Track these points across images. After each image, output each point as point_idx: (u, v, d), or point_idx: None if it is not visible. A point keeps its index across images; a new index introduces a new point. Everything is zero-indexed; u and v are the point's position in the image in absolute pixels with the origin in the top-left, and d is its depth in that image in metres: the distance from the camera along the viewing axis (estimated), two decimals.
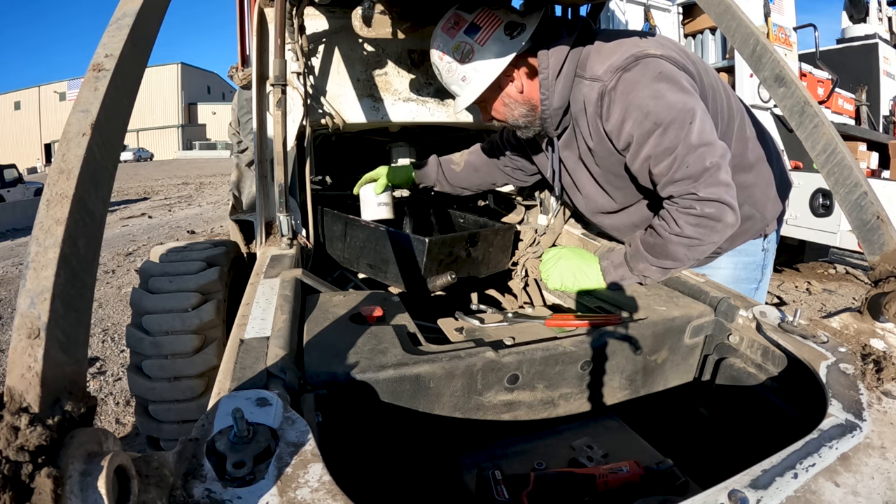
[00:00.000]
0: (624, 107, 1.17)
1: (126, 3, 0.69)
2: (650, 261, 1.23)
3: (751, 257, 1.53)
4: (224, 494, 0.51)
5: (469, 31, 1.27)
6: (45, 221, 0.50)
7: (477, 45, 1.26)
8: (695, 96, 1.17)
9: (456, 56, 1.29)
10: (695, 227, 1.14)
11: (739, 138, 1.37)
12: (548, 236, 2.00)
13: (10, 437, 0.39)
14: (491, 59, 1.27)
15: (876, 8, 6.65)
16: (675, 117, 1.12)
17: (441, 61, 1.33)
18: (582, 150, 1.38)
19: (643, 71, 1.16)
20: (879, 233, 0.95)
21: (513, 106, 1.36)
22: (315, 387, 0.84)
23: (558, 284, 1.35)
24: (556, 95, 1.30)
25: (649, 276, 1.26)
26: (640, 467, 0.92)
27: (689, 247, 1.18)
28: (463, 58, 1.28)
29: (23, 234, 8.70)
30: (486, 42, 1.26)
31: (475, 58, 1.27)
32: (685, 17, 5.37)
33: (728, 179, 1.14)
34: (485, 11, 1.28)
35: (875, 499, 0.58)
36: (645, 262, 1.24)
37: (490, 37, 1.26)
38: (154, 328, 1.69)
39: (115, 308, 4.35)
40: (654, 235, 1.22)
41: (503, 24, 1.26)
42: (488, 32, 1.26)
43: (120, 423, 2.69)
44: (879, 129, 6.10)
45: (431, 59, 1.37)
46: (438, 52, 1.32)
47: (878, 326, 0.95)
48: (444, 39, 1.30)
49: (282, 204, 1.51)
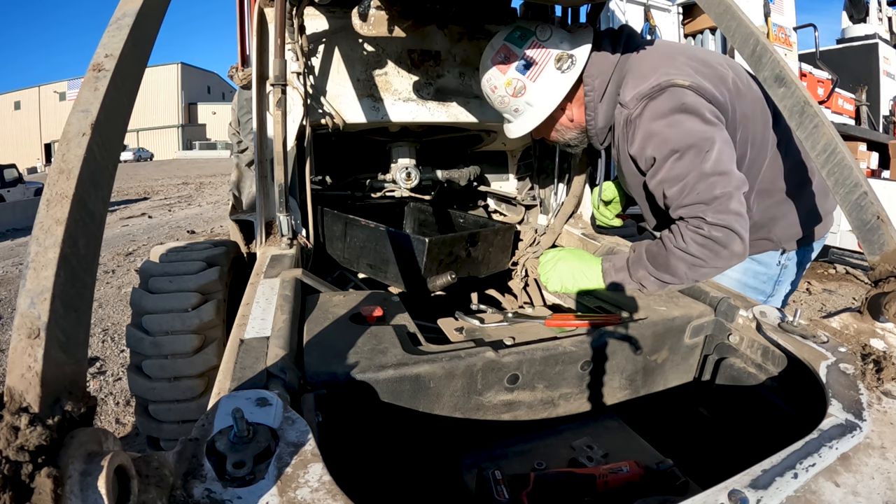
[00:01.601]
0: (645, 133, 1.21)
1: (126, 3, 0.69)
2: (650, 271, 1.22)
3: (763, 267, 1.51)
4: (224, 494, 0.51)
5: (521, 68, 1.30)
6: (45, 221, 0.50)
7: (529, 82, 1.30)
8: (716, 126, 1.19)
9: (509, 91, 1.33)
10: (700, 248, 1.13)
11: (772, 165, 1.36)
12: (548, 236, 2.00)
13: (10, 437, 0.39)
14: (544, 97, 1.31)
15: (876, 8, 6.65)
16: (692, 145, 1.14)
17: (493, 93, 1.37)
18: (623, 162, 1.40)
19: (667, 101, 1.19)
20: (879, 233, 0.95)
21: (564, 132, 1.43)
22: (315, 387, 0.84)
23: (558, 286, 1.35)
24: (600, 117, 1.34)
25: (647, 286, 1.25)
26: (640, 467, 0.92)
27: (691, 266, 1.16)
28: (516, 93, 1.32)
29: (23, 234, 8.69)
30: (538, 79, 1.29)
31: (528, 94, 1.32)
32: (685, 17, 5.37)
33: (739, 209, 1.12)
34: (534, 44, 1.29)
35: (875, 499, 0.58)
36: (645, 270, 1.23)
37: (542, 73, 1.29)
38: (154, 328, 1.69)
39: (115, 308, 4.35)
40: (659, 246, 1.22)
41: (553, 58, 1.29)
42: (540, 69, 1.29)
43: (120, 423, 2.69)
44: (879, 129, 6.11)
45: (482, 86, 1.41)
46: (490, 85, 1.36)
47: (878, 326, 0.95)
48: (495, 73, 1.33)
49: (282, 204, 1.51)
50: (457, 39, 1.90)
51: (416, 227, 2.37)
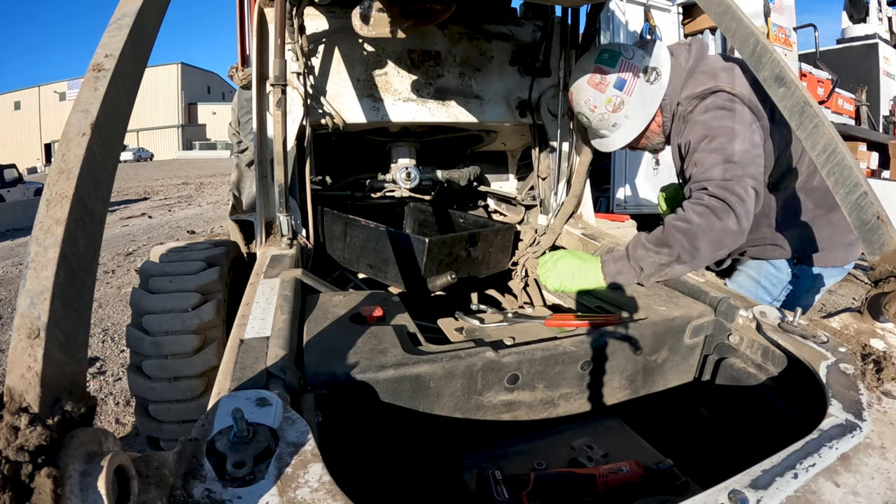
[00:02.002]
0: (692, 123, 1.38)
1: (126, 3, 0.69)
2: (647, 248, 1.27)
3: (776, 269, 1.61)
4: (224, 494, 0.51)
5: (618, 86, 1.43)
6: (45, 221, 0.50)
7: (626, 97, 1.44)
8: (750, 127, 1.31)
9: (609, 108, 1.46)
10: (696, 215, 1.22)
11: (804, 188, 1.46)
12: (548, 236, 2.00)
13: (10, 437, 0.39)
14: (641, 109, 1.46)
15: (876, 8, 6.65)
16: (721, 133, 1.29)
17: (593, 113, 1.49)
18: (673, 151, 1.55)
19: (713, 100, 1.35)
20: (879, 233, 0.95)
21: (652, 137, 1.56)
22: (315, 387, 0.84)
23: (557, 285, 1.37)
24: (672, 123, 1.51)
25: (645, 268, 1.27)
26: (640, 467, 0.92)
27: (687, 236, 1.22)
28: (615, 109, 1.46)
29: (23, 234, 8.69)
30: (633, 93, 1.44)
31: (626, 108, 1.45)
32: (685, 17, 5.36)
33: (742, 195, 1.21)
34: (624, 63, 1.43)
35: (875, 499, 0.58)
36: (643, 249, 1.28)
37: (636, 88, 1.44)
38: (154, 328, 1.69)
39: (115, 308, 4.35)
40: (659, 226, 1.29)
41: (641, 71, 1.43)
42: (633, 83, 1.43)
43: (120, 423, 2.68)
44: (879, 129, 6.10)
45: (578, 109, 1.52)
46: (589, 106, 1.48)
47: (878, 326, 0.95)
48: (594, 94, 1.46)
49: (282, 204, 1.51)
50: (457, 39, 1.90)
51: (416, 227, 2.37)
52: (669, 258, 1.24)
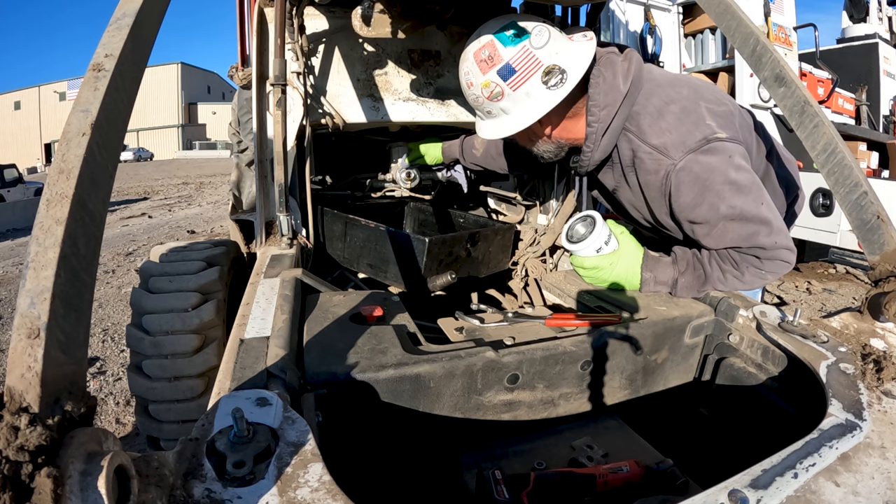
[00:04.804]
0: (700, 190, 1.16)
1: (126, 3, 0.69)
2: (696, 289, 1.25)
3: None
4: (224, 494, 0.51)
5: (503, 73, 1.17)
6: (45, 221, 0.50)
7: (508, 89, 1.18)
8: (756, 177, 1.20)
9: (485, 92, 1.21)
10: (756, 278, 1.20)
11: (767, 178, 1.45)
12: (548, 236, 2.00)
13: (10, 437, 0.39)
14: (521, 111, 1.20)
15: (876, 8, 6.64)
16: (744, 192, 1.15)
17: (469, 89, 1.25)
18: (619, 183, 1.39)
19: (716, 157, 1.16)
20: (879, 232, 0.95)
21: (538, 143, 1.34)
22: (315, 387, 0.84)
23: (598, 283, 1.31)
24: (599, 150, 1.28)
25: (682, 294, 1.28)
26: (640, 467, 0.92)
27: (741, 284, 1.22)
28: (492, 97, 1.21)
29: (23, 234, 8.69)
30: (518, 89, 1.17)
31: (504, 101, 1.20)
32: (685, 16, 5.37)
33: (788, 243, 1.17)
34: (524, 51, 1.15)
35: (875, 499, 0.58)
36: (688, 291, 1.26)
37: (524, 84, 1.16)
38: (154, 328, 1.69)
39: (115, 308, 4.35)
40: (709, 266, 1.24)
41: (541, 70, 1.16)
42: (523, 79, 1.16)
43: (120, 423, 2.69)
44: (879, 129, 6.10)
45: (459, 76, 1.28)
46: (466, 80, 1.24)
47: (878, 326, 0.95)
48: (474, 69, 1.21)
49: (282, 204, 1.50)
50: (457, 39, 1.90)
51: (416, 226, 2.36)
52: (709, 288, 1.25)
